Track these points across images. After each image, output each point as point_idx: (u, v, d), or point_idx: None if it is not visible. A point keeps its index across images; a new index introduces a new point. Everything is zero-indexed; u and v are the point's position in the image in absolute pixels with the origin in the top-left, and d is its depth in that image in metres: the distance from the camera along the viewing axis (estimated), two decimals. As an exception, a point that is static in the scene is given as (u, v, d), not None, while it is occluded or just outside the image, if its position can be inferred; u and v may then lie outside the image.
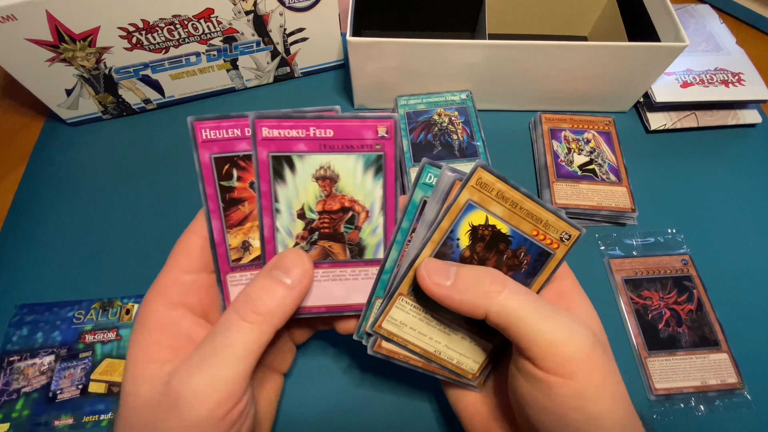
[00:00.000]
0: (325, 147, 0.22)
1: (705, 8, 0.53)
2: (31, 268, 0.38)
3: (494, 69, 0.42)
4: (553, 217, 0.23)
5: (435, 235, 0.22)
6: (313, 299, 0.24)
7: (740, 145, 0.47)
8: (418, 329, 0.24)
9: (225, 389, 0.18)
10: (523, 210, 0.23)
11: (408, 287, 0.23)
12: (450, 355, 0.24)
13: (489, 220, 0.22)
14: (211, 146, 0.21)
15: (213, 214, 0.22)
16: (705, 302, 0.37)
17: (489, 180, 0.22)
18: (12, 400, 0.32)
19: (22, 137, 0.46)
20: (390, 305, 0.23)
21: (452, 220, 0.22)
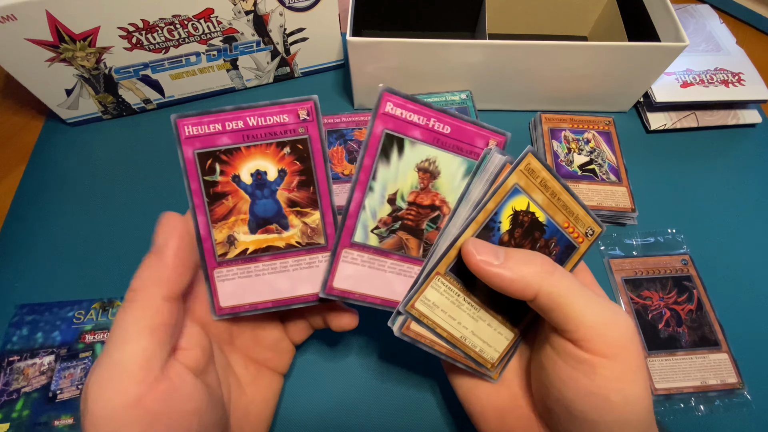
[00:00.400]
0: (438, 141, 0.22)
1: (705, 8, 0.53)
2: (31, 268, 0.38)
3: (494, 69, 0.42)
4: (583, 211, 0.23)
5: (480, 215, 0.22)
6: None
7: (740, 145, 0.47)
8: (449, 312, 0.23)
9: (124, 373, 0.17)
10: (560, 201, 0.23)
11: (446, 266, 0.22)
12: (474, 342, 0.24)
13: (530, 206, 0.22)
14: (194, 142, 0.22)
15: (198, 209, 0.22)
16: (705, 302, 0.37)
17: (536, 167, 0.22)
18: (12, 400, 0.32)
19: (22, 137, 0.46)
20: (426, 284, 0.22)
21: (498, 203, 0.22)
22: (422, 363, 0.34)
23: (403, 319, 0.23)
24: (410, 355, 0.35)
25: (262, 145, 0.22)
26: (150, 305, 0.19)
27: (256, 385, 0.26)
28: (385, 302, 0.23)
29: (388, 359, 0.35)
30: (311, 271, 0.23)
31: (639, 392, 0.19)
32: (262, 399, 0.26)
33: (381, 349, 0.35)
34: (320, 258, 0.24)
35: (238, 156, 0.22)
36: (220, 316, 0.23)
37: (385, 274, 0.23)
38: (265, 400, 0.26)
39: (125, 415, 0.16)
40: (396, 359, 0.35)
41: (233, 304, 0.23)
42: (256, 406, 0.25)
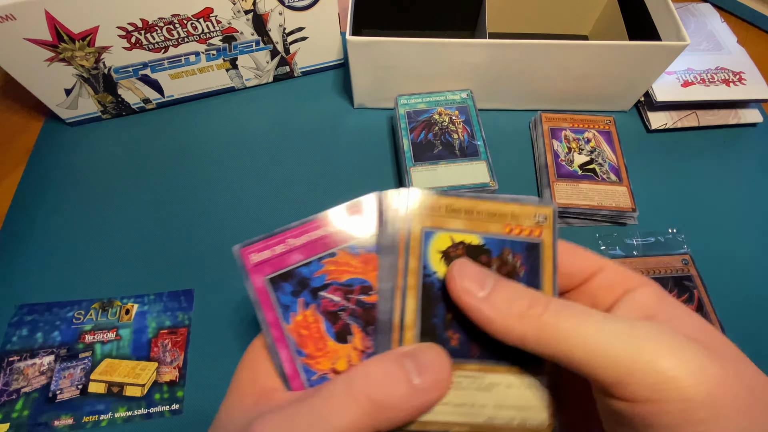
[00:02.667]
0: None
1: (706, 7, 0.53)
2: (30, 268, 0.38)
3: (495, 68, 0.42)
4: (516, 206, 0.20)
5: (410, 279, 0.19)
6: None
7: (741, 144, 0.47)
8: (451, 401, 0.18)
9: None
10: (481, 213, 0.20)
11: None
12: (506, 415, 0.19)
13: (454, 238, 0.20)
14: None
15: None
16: (705, 302, 0.37)
17: (430, 200, 0.20)
18: (12, 400, 0.32)
19: (21, 137, 0.46)
20: None
21: (418, 257, 0.19)
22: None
23: None
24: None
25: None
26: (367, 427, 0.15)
27: None
28: None
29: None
30: None
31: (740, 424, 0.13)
32: None
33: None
34: None
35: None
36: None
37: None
38: None
39: None
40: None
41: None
42: None
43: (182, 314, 0.36)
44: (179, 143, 0.45)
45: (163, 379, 0.34)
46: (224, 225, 0.40)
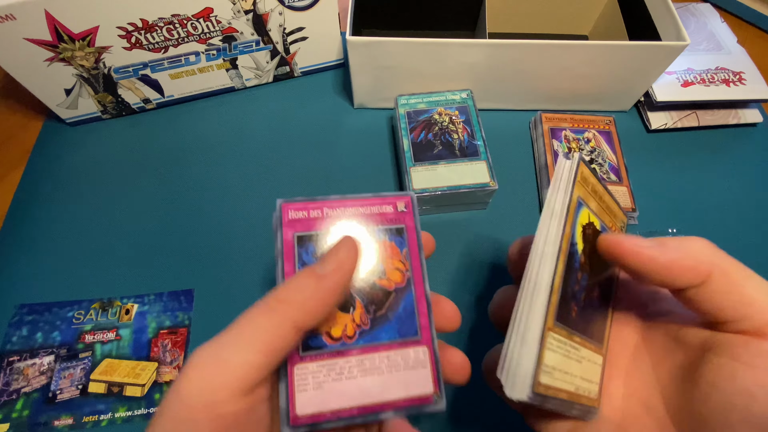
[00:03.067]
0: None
1: (706, 7, 0.53)
2: (30, 268, 0.38)
3: (494, 68, 0.42)
4: (616, 206, 0.22)
5: (563, 243, 0.19)
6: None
7: (741, 144, 0.47)
8: (563, 368, 0.18)
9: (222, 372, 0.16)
10: (604, 203, 0.22)
11: (554, 317, 0.18)
12: (584, 387, 0.20)
13: (590, 217, 0.20)
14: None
15: None
16: (705, 302, 0.37)
17: (587, 173, 0.20)
18: (12, 400, 0.32)
19: (21, 137, 0.46)
20: (542, 349, 0.17)
21: (571, 224, 0.19)
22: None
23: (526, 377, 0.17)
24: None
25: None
26: (282, 327, 0.17)
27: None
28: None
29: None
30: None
31: None
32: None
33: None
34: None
35: None
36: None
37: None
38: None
39: (202, 413, 0.16)
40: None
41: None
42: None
43: (182, 314, 0.36)
44: (179, 143, 0.45)
45: (163, 379, 0.34)
46: (224, 225, 0.40)
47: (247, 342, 0.17)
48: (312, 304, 0.18)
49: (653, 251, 0.17)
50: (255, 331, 0.17)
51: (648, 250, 0.17)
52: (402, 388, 0.20)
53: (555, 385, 0.18)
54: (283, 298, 0.18)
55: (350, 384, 0.20)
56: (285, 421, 0.19)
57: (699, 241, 0.17)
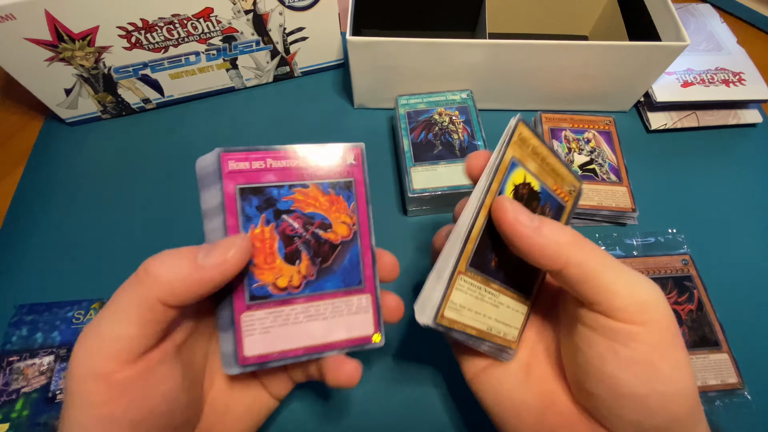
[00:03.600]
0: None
1: (706, 7, 0.53)
2: (30, 268, 0.38)
3: (495, 68, 0.42)
4: (565, 170, 0.23)
5: (487, 199, 0.20)
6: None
7: (741, 144, 0.47)
8: (474, 308, 0.21)
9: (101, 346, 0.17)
10: (548, 165, 0.22)
11: (467, 262, 0.21)
12: (499, 328, 0.22)
13: (526, 177, 0.22)
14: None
15: None
16: (705, 302, 0.37)
17: (527, 135, 0.21)
18: (11, 400, 0.32)
19: (21, 137, 0.46)
20: (450, 287, 0.20)
21: (500, 181, 0.21)
22: (424, 362, 0.34)
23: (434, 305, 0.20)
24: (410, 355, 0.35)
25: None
26: (148, 301, 0.17)
27: (246, 387, 0.24)
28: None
29: (386, 359, 0.35)
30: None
31: (682, 359, 0.19)
32: (245, 405, 0.24)
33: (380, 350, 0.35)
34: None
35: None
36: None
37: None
38: (249, 410, 0.24)
39: (93, 385, 0.17)
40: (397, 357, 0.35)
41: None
42: (238, 409, 0.23)
43: (182, 314, 0.36)
44: (179, 143, 0.45)
45: (163, 379, 0.34)
46: (224, 225, 0.40)
47: (118, 315, 0.17)
48: (179, 288, 0.18)
49: (527, 230, 0.19)
50: (124, 304, 0.18)
51: (523, 228, 0.19)
52: (345, 330, 0.22)
53: (461, 320, 0.21)
54: (152, 271, 0.18)
55: (296, 328, 0.21)
56: (232, 362, 0.20)
57: (567, 234, 0.20)
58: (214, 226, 0.21)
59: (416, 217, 0.42)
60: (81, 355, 0.17)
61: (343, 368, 0.21)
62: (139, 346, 0.18)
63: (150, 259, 0.18)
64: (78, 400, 0.17)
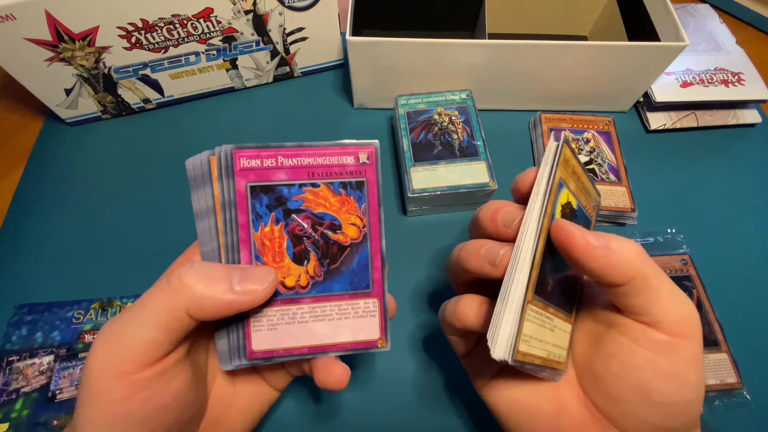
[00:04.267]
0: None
1: (705, 8, 0.53)
2: (30, 268, 0.38)
3: (494, 69, 0.42)
4: (591, 186, 0.23)
5: (545, 222, 0.20)
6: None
7: (740, 144, 0.47)
8: (538, 337, 0.21)
9: (124, 347, 0.18)
10: (581, 183, 0.22)
11: (533, 290, 0.20)
12: (555, 352, 0.22)
13: (569, 197, 0.22)
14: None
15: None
16: (705, 302, 0.37)
17: (569, 155, 0.21)
18: (11, 400, 0.32)
19: (21, 137, 0.46)
20: (522, 320, 0.19)
21: (553, 203, 0.20)
22: (424, 362, 0.34)
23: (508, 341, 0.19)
24: (410, 359, 0.35)
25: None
26: (177, 311, 0.18)
27: (247, 381, 0.25)
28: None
29: (385, 358, 0.35)
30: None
31: (703, 368, 0.20)
32: (248, 397, 0.24)
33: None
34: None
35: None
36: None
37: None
38: (251, 402, 0.25)
39: (112, 383, 0.17)
40: (396, 358, 0.35)
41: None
42: (241, 402, 0.24)
43: (182, 314, 0.36)
44: (179, 143, 0.45)
45: (163, 378, 0.34)
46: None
47: (145, 320, 0.18)
48: (209, 306, 0.18)
49: (600, 251, 0.19)
50: (152, 310, 0.18)
51: (596, 249, 0.19)
52: (351, 333, 0.22)
53: (531, 352, 0.20)
54: (187, 284, 0.18)
55: (302, 327, 0.22)
56: (241, 354, 0.21)
57: (634, 246, 0.19)
58: (206, 227, 0.21)
59: (416, 217, 0.42)
60: (103, 354, 0.18)
61: (332, 371, 0.22)
62: (160, 350, 0.18)
63: (186, 270, 0.19)
64: (95, 397, 0.18)
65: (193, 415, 0.21)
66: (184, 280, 0.18)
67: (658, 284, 0.19)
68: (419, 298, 0.37)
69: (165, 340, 0.18)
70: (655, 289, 0.19)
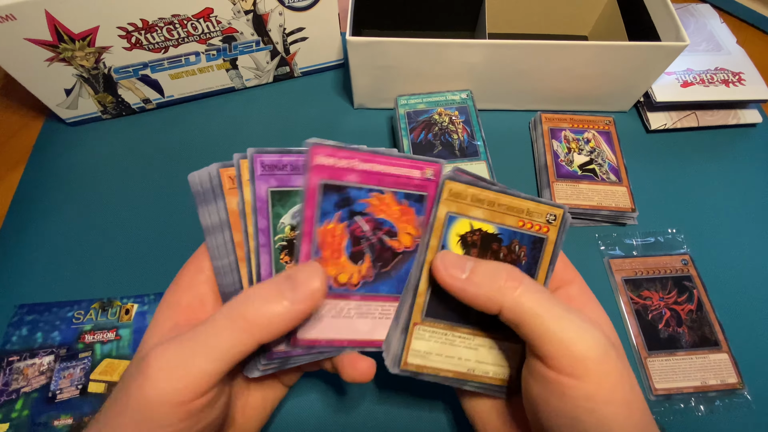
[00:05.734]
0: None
1: (705, 8, 0.53)
2: (30, 268, 0.38)
3: (494, 68, 0.42)
4: (532, 204, 0.23)
5: (428, 254, 0.22)
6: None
7: (740, 144, 0.47)
8: (444, 353, 0.23)
9: (188, 379, 0.18)
10: (501, 206, 0.23)
11: (420, 314, 0.23)
12: (483, 369, 0.23)
13: (473, 225, 0.23)
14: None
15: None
16: (705, 302, 0.37)
17: (459, 189, 0.22)
18: (11, 400, 0.32)
19: (21, 137, 0.46)
20: (408, 338, 0.22)
21: (439, 237, 0.22)
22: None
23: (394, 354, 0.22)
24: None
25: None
26: (248, 344, 0.18)
27: (261, 379, 0.25)
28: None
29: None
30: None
31: (615, 411, 0.18)
32: (261, 395, 0.25)
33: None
34: None
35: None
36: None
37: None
38: (264, 400, 0.25)
39: (169, 410, 0.18)
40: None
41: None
42: (255, 400, 0.25)
43: (182, 314, 0.36)
44: (179, 143, 0.45)
45: (163, 379, 0.34)
46: (224, 225, 0.40)
47: (211, 352, 0.18)
48: (278, 327, 0.19)
49: (458, 282, 0.20)
50: (219, 344, 0.18)
51: (455, 280, 0.20)
52: (386, 332, 0.23)
53: (430, 365, 0.23)
54: (251, 319, 0.18)
55: (346, 322, 0.23)
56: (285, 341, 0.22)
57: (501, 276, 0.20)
58: (219, 242, 0.21)
59: (416, 217, 0.42)
60: (164, 382, 0.18)
61: (359, 365, 0.22)
62: (218, 379, 0.19)
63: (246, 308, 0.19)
64: (149, 423, 0.18)
65: (223, 422, 0.22)
66: (249, 317, 0.18)
67: (536, 315, 0.19)
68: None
69: (225, 370, 0.19)
70: (531, 320, 0.19)
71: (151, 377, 0.18)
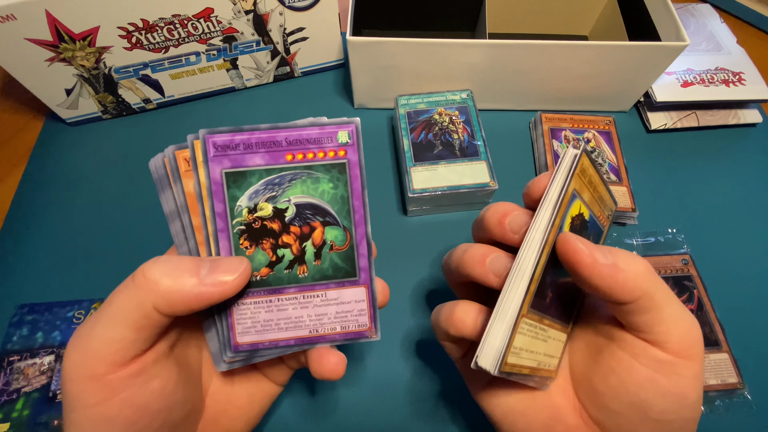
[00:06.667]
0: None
1: (706, 7, 0.53)
2: (31, 268, 0.38)
3: (494, 68, 0.42)
4: (607, 194, 0.23)
5: (551, 235, 0.19)
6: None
7: (741, 144, 0.47)
8: (529, 348, 0.20)
9: (94, 348, 0.17)
10: (597, 193, 0.22)
11: (528, 305, 0.19)
12: (546, 362, 0.22)
13: (581, 208, 0.21)
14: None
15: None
16: (705, 302, 0.37)
17: (587, 165, 0.21)
18: (12, 399, 0.32)
19: (22, 137, 0.46)
20: (513, 333, 0.19)
21: (562, 216, 0.20)
22: (421, 359, 0.34)
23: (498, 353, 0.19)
24: (408, 361, 0.35)
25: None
26: (143, 308, 0.17)
27: (246, 377, 0.24)
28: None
29: (385, 359, 0.35)
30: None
31: (702, 387, 0.20)
32: (247, 394, 0.24)
33: (379, 351, 0.35)
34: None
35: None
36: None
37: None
38: (251, 399, 0.24)
39: (87, 386, 0.17)
40: (395, 357, 0.35)
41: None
42: (240, 399, 0.24)
43: (182, 314, 0.36)
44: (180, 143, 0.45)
45: (164, 378, 0.34)
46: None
47: (112, 319, 0.17)
48: (177, 300, 0.18)
49: (606, 269, 0.19)
50: (119, 309, 0.18)
51: (603, 267, 0.19)
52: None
53: (520, 363, 0.20)
54: (150, 278, 0.18)
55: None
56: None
57: (642, 264, 0.19)
58: (179, 228, 0.20)
59: (416, 217, 0.42)
60: (74, 357, 0.17)
61: (327, 360, 0.21)
62: (133, 349, 0.18)
63: (149, 265, 0.18)
64: (73, 401, 0.17)
65: (185, 415, 0.21)
66: (148, 275, 0.18)
67: (664, 303, 0.19)
68: (419, 297, 0.37)
69: (136, 339, 0.17)
70: (660, 308, 0.19)
71: (66, 355, 0.17)
